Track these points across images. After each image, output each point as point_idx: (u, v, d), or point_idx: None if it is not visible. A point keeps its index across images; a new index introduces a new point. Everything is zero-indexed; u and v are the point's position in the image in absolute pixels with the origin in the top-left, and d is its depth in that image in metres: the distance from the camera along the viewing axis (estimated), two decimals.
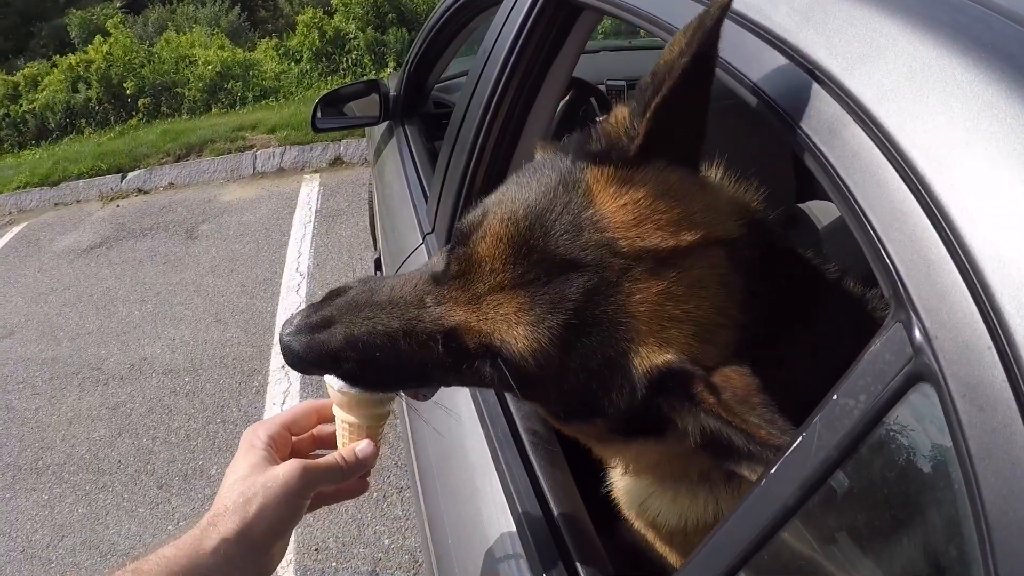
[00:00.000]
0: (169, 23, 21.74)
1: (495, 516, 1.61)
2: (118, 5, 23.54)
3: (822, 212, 2.53)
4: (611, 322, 1.02)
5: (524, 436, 1.70)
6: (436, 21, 3.76)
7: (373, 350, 1.14)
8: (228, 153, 11.05)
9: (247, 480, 1.24)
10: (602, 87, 4.29)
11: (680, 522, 1.31)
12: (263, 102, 13.68)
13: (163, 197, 10.41)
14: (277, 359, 5.81)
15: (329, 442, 1.41)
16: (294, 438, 1.39)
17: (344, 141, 10.46)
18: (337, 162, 10.41)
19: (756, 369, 0.97)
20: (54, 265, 8.69)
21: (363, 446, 1.35)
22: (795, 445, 0.80)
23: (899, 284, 0.72)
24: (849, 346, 0.83)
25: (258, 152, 10.88)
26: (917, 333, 0.69)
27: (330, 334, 1.15)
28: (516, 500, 1.56)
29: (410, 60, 4.22)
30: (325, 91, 4.53)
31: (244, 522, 1.18)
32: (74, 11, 22.91)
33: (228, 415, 5.37)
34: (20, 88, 14.80)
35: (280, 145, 10.92)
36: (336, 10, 14.93)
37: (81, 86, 14.31)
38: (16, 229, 10.29)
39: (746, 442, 0.91)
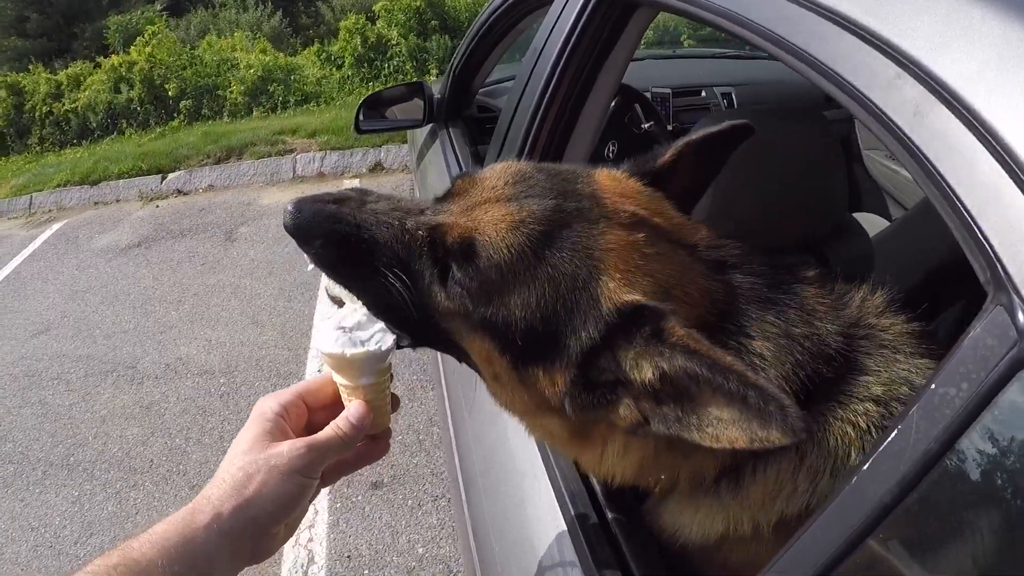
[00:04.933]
0: (211, 27, 21.98)
1: (545, 522, 1.56)
2: (159, 8, 23.84)
3: (868, 224, 2.49)
4: (584, 249, 1.11)
5: None
6: (484, 22, 3.68)
7: (360, 229, 1.22)
8: (268, 156, 11.07)
9: (248, 455, 1.17)
10: (647, 94, 4.20)
11: (703, 536, 1.22)
12: (304, 107, 13.73)
13: (202, 199, 10.45)
14: (313, 363, 5.75)
15: None
16: (311, 410, 1.31)
17: (384, 147, 10.45)
18: (377, 167, 10.41)
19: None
20: (92, 263, 8.73)
21: (353, 409, 1.26)
22: (889, 439, 0.77)
23: (998, 266, 0.70)
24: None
25: (298, 156, 10.88)
26: (1021, 316, 0.67)
27: (334, 207, 1.23)
28: (568, 504, 1.51)
29: (456, 62, 4.15)
30: (368, 93, 4.46)
31: (243, 499, 1.12)
32: (113, 15, 23.20)
33: None
34: (63, 88, 14.99)
35: (320, 150, 10.91)
36: (379, 16, 14.96)
37: (123, 87, 14.47)
38: (55, 227, 10.39)
39: (717, 375, 0.94)
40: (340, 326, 1.26)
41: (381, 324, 1.26)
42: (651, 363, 1.02)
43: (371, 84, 13.80)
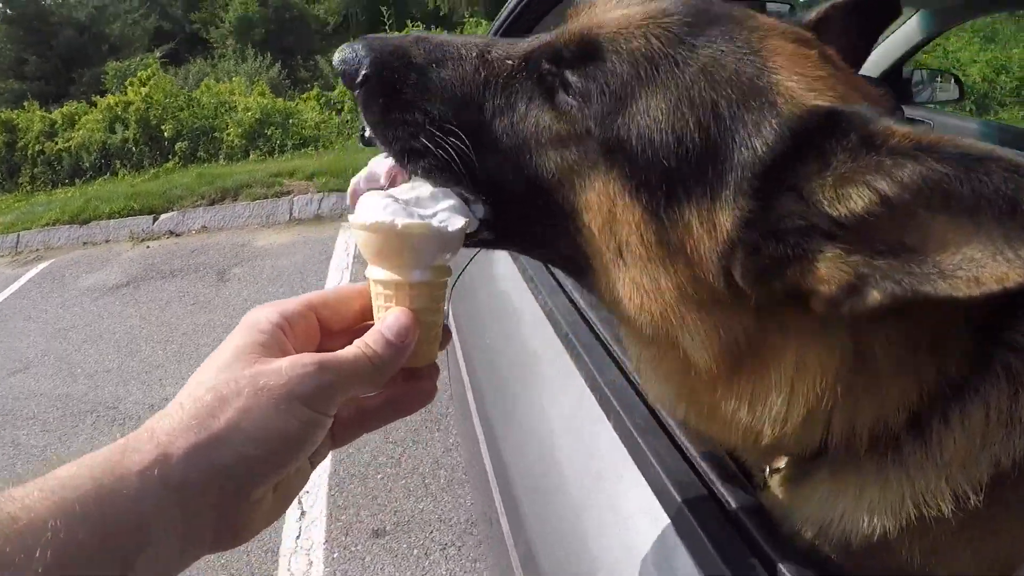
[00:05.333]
0: (209, 76, 22.04)
1: (638, 529, 1.28)
2: (158, 55, 23.98)
3: None
4: (746, 43, 0.90)
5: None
6: (499, 27, 3.51)
7: (442, 53, 1.03)
8: (264, 198, 10.89)
9: (225, 372, 0.81)
10: None
11: (875, 527, 0.93)
12: (302, 151, 13.68)
13: (195, 240, 10.27)
14: None
15: None
16: (327, 331, 0.96)
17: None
18: None
19: None
20: (77, 302, 8.51)
21: (391, 319, 0.91)
22: None
23: None
24: None
25: (295, 198, 10.71)
26: None
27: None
28: (675, 496, 1.23)
29: None
30: None
31: (208, 433, 0.76)
32: (112, 61, 23.40)
33: None
34: (57, 126, 14.98)
35: (318, 192, 10.74)
36: None
37: (119, 126, 14.46)
38: (41, 265, 10.22)
39: (974, 172, 0.68)
40: (391, 195, 0.94)
41: (450, 200, 0.96)
42: (863, 185, 0.77)
43: None
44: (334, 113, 14.91)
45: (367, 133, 3.45)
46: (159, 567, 0.73)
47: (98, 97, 15.84)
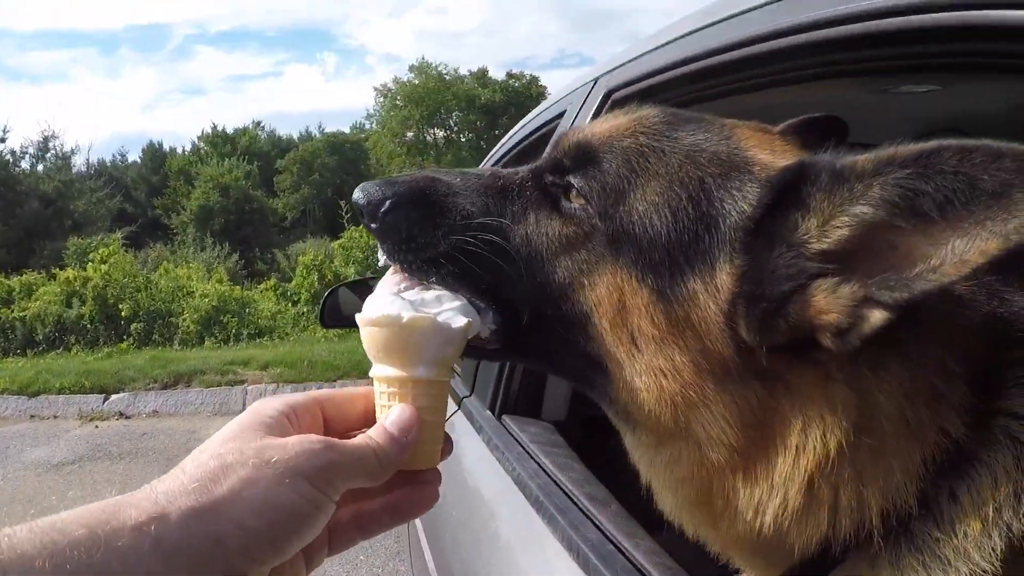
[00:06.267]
0: (168, 260, 22.26)
1: None
2: (119, 235, 24.22)
3: None
4: (719, 131, 1.05)
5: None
6: None
7: (437, 183, 1.14)
8: (218, 386, 10.87)
9: (230, 443, 0.82)
10: None
11: None
12: (258, 341, 13.73)
13: (145, 423, 10.11)
14: None
15: None
16: (332, 427, 0.97)
17: (340, 381, 10.44)
18: None
19: None
20: (20, 476, 8.22)
21: (395, 414, 0.93)
22: None
23: None
24: None
25: (250, 387, 10.72)
26: None
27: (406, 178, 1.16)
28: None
29: None
30: (335, 285, 4.38)
31: (207, 499, 0.74)
32: (74, 237, 23.54)
33: None
34: (14, 294, 14.80)
35: (273, 382, 10.81)
36: (336, 254, 15.32)
37: (75, 302, 14.40)
38: None
39: (933, 177, 0.78)
40: (398, 293, 1.02)
41: (453, 303, 1.02)
42: (842, 215, 0.86)
43: None
44: (290, 304, 15.05)
45: (328, 319, 3.63)
46: None
47: (57, 270, 15.86)
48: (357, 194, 1.13)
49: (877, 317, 0.84)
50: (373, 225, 1.12)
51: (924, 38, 0.99)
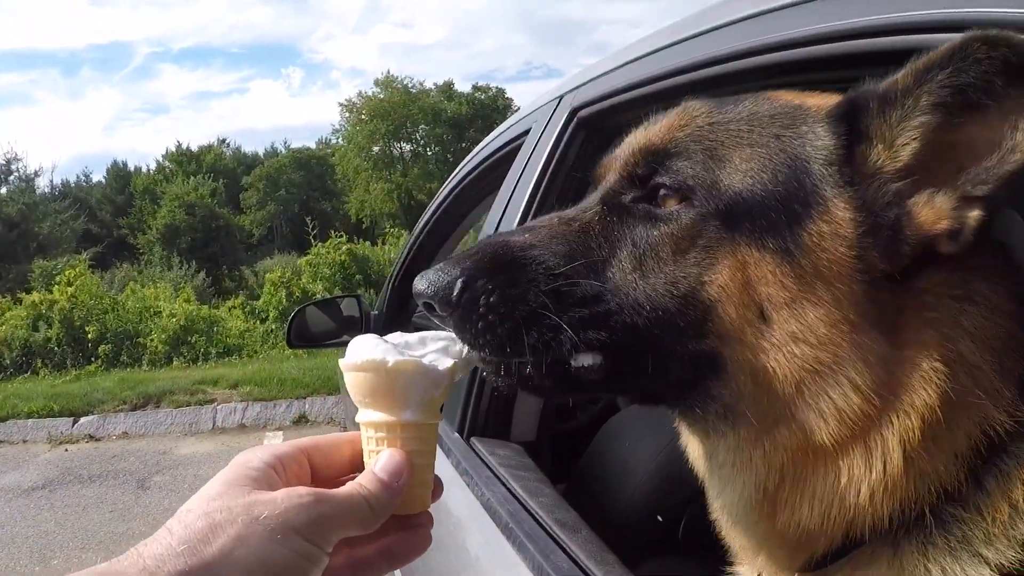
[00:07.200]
0: (135, 280, 22.11)
1: None
2: (85, 256, 24.03)
3: None
4: (763, 97, 1.10)
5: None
6: (421, 229, 3.71)
7: (527, 229, 1.14)
8: (188, 406, 10.85)
9: (217, 501, 0.80)
10: None
11: None
12: (226, 359, 13.71)
13: (115, 445, 10.05)
14: None
15: None
16: (319, 476, 0.97)
17: (309, 399, 10.44)
18: (301, 420, 10.30)
19: None
20: None
21: (384, 459, 0.92)
22: None
23: None
24: None
25: (219, 407, 10.72)
26: None
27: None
28: None
29: (394, 273, 4.11)
30: (301, 305, 4.36)
31: (198, 561, 0.73)
32: (40, 259, 23.31)
33: None
34: None
35: (242, 400, 10.79)
36: (303, 271, 15.30)
37: (42, 325, 14.27)
38: None
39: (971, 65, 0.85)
40: (382, 339, 0.99)
41: (438, 344, 1.01)
42: (901, 133, 0.94)
43: None
44: (259, 322, 15.00)
45: (294, 339, 3.59)
46: None
47: (23, 294, 15.73)
48: (421, 285, 1.07)
49: (975, 216, 0.91)
50: (448, 313, 1.06)
51: (895, 59, 1.00)
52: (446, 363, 0.97)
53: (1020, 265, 1.00)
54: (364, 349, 0.95)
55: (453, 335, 1.05)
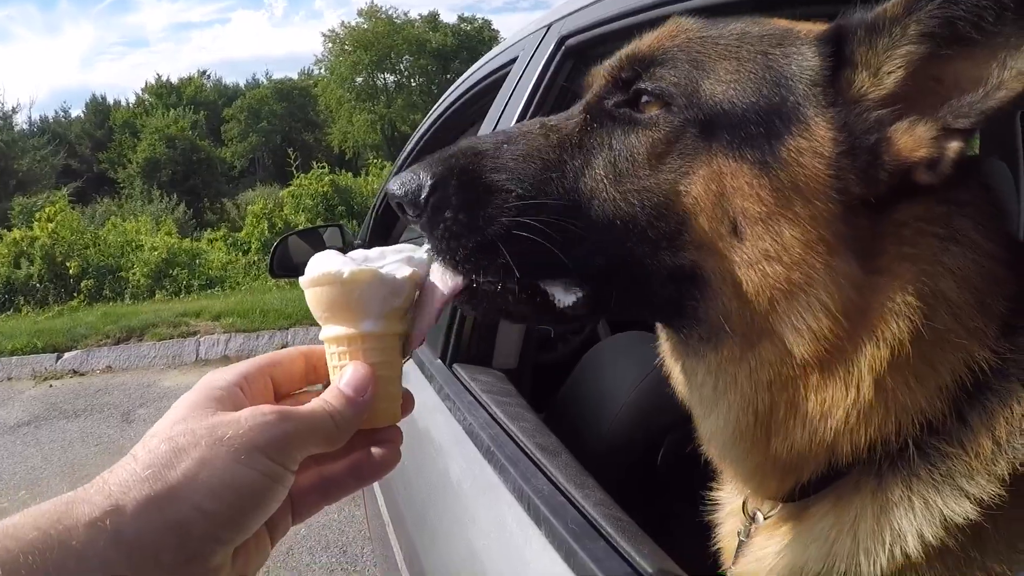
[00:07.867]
0: (116, 215, 21.97)
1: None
2: (65, 192, 23.83)
3: None
4: (755, 21, 1.09)
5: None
6: (404, 160, 3.70)
7: (506, 135, 1.13)
8: (170, 338, 10.85)
9: (180, 424, 0.78)
10: None
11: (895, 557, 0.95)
12: (209, 291, 13.72)
13: (99, 380, 10.08)
14: None
15: None
16: (281, 392, 0.96)
17: (292, 330, 10.46)
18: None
19: None
20: None
21: (349, 373, 0.90)
22: None
23: None
24: None
25: (202, 339, 10.73)
26: None
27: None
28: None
29: (377, 204, 4.10)
30: (284, 234, 4.29)
31: (163, 486, 0.72)
32: (19, 196, 23.12)
33: None
34: None
35: (225, 332, 10.81)
36: (286, 202, 15.20)
37: (23, 262, 14.21)
38: None
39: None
40: (343, 256, 0.97)
41: (398, 256, 0.98)
42: (887, 60, 0.95)
43: None
44: (241, 254, 14.94)
45: (277, 269, 3.59)
46: None
47: (4, 231, 15.61)
48: (393, 186, 1.08)
49: (954, 148, 0.92)
50: (416, 215, 1.07)
51: None
52: (405, 271, 0.95)
53: (1006, 209, 1.02)
54: (321, 264, 0.93)
55: (413, 248, 1.03)
